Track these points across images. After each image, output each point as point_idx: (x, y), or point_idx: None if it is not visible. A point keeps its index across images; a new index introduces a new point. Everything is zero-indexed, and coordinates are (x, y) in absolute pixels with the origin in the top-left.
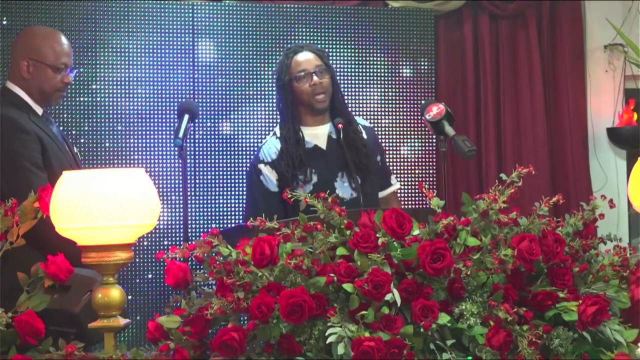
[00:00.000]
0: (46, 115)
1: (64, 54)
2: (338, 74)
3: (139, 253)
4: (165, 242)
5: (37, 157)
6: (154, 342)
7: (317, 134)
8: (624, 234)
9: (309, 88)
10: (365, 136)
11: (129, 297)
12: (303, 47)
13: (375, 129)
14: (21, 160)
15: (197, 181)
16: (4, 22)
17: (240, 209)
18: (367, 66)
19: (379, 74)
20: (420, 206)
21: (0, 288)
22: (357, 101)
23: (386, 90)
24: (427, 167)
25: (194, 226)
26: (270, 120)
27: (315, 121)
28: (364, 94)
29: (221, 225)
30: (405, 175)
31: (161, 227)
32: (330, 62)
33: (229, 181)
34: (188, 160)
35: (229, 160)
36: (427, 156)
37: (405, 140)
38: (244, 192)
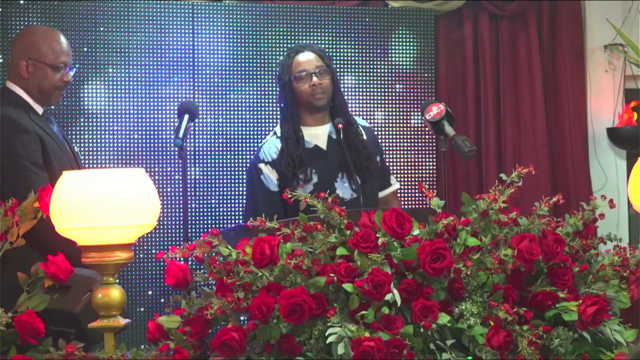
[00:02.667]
0: (46, 115)
1: (63, 52)
2: (338, 74)
3: (138, 253)
4: (165, 242)
5: (37, 156)
6: (154, 342)
7: (317, 134)
8: (624, 234)
9: (309, 89)
10: (365, 137)
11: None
12: (305, 47)
13: (375, 129)
14: (21, 160)
15: (197, 181)
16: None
17: (240, 209)
18: (367, 66)
19: (379, 74)
20: (420, 206)
21: (1, 288)
22: (357, 101)
23: (386, 90)
24: (427, 167)
25: (194, 226)
26: (271, 120)
27: (315, 121)
28: (364, 93)
29: (221, 225)
30: (405, 175)
31: (161, 227)
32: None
33: (229, 181)
34: (188, 160)
35: (229, 160)
36: (427, 156)
37: (405, 140)
38: (244, 192)
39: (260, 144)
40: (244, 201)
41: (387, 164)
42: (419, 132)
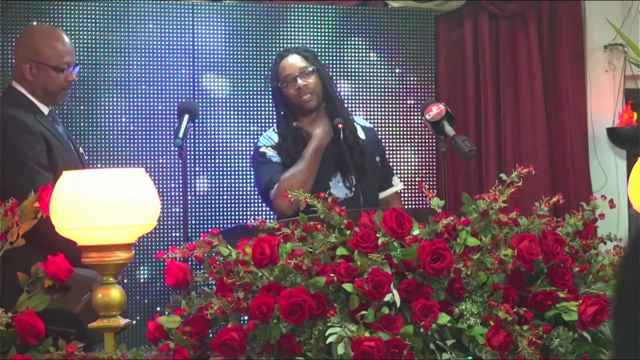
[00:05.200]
0: (52, 115)
1: (66, 52)
2: (338, 74)
3: (138, 253)
4: (165, 242)
5: (42, 157)
6: (154, 342)
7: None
8: (624, 234)
9: (295, 92)
10: (363, 136)
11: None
12: (290, 51)
13: (375, 129)
14: (27, 160)
15: (197, 181)
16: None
17: (240, 209)
18: (367, 66)
19: (379, 74)
20: (420, 206)
21: (3, 288)
22: (356, 101)
23: (386, 90)
24: (427, 167)
25: (194, 226)
26: (271, 120)
27: (311, 121)
28: (364, 94)
29: (221, 225)
30: (405, 175)
31: (161, 227)
32: (328, 61)
33: (229, 181)
34: (188, 160)
35: (229, 160)
36: (427, 156)
37: (405, 140)
38: (244, 192)
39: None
40: (256, 187)
41: (391, 165)
42: (419, 132)
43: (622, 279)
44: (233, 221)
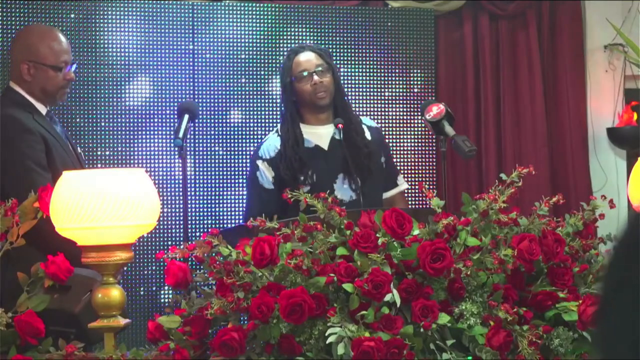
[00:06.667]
0: (50, 115)
1: (63, 51)
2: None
3: (138, 253)
4: (165, 242)
5: (41, 157)
6: (154, 342)
7: (319, 134)
8: None
9: (310, 88)
10: (369, 136)
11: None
12: (304, 48)
13: None
14: (26, 160)
15: (197, 181)
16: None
17: (240, 209)
18: (367, 66)
19: (379, 74)
20: (421, 206)
21: (6, 288)
22: (357, 101)
23: (386, 90)
24: (427, 167)
25: (194, 226)
26: (271, 120)
27: (318, 120)
28: (364, 94)
29: (221, 225)
30: (405, 175)
31: (161, 227)
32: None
33: (229, 181)
34: (188, 160)
35: (229, 160)
36: (427, 156)
37: (405, 140)
38: (244, 192)
39: (261, 140)
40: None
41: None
42: (419, 132)
43: (608, 279)
44: (233, 221)
